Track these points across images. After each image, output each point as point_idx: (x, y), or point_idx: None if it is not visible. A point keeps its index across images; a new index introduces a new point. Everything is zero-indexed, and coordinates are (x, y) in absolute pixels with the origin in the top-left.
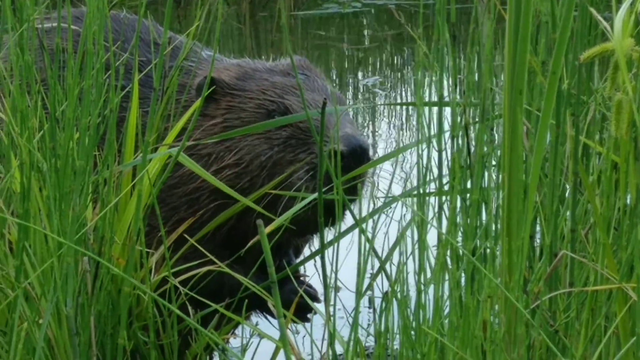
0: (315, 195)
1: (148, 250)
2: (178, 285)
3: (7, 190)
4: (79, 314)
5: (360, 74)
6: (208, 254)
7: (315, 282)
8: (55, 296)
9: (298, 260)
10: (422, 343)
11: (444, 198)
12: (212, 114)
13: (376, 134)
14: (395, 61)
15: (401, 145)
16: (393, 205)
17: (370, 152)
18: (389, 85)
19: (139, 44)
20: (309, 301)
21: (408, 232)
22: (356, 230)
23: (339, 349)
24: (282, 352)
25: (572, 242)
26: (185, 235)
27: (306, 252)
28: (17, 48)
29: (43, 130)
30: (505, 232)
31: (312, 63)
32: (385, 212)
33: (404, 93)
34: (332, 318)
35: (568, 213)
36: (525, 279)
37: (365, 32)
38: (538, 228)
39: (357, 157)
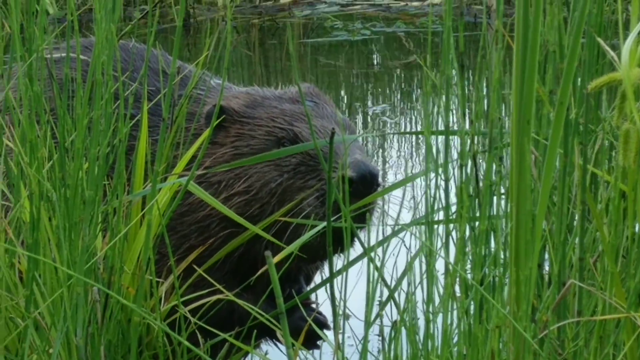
0: (324, 223)
1: (158, 279)
2: (187, 314)
3: (16, 220)
4: (89, 344)
5: (369, 102)
6: (216, 284)
7: (326, 310)
8: (65, 326)
9: (308, 288)
10: None
11: (451, 227)
12: (221, 141)
13: (386, 161)
14: (405, 88)
15: (410, 173)
16: (402, 233)
17: (380, 178)
18: (398, 112)
19: (148, 73)
20: (318, 330)
21: (416, 261)
22: (365, 259)
23: None
24: None
25: (580, 271)
26: (194, 266)
27: (317, 278)
28: (26, 78)
29: (52, 160)
30: (514, 261)
31: (322, 90)
32: (398, 238)
33: (413, 120)
34: (340, 346)
35: (576, 241)
36: (534, 307)
37: (375, 60)
38: (546, 256)
39: (366, 183)
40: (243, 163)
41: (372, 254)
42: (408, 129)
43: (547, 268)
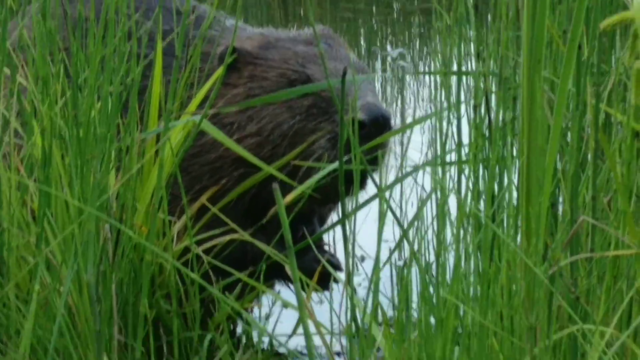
0: (336, 164)
1: (170, 218)
2: (201, 253)
3: (29, 158)
4: (100, 282)
5: (388, 46)
6: (230, 222)
7: (340, 253)
8: (76, 263)
9: (319, 231)
10: (442, 309)
11: (464, 166)
12: (234, 83)
13: (405, 104)
14: (424, 33)
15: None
16: (417, 174)
17: (392, 121)
18: (416, 56)
19: (162, 13)
20: (331, 269)
21: (429, 202)
22: (378, 200)
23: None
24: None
25: (593, 210)
26: (207, 204)
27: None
28: (40, 16)
29: (65, 98)
30: (525, 198)
31: (340, 35)
32: (412, 178)
33: (432, 64)
34: (352, 286)
35: (589, 181)
36: (547, 246)
37: (394, 5)
38: (560, 199)
39: (378, 126)
40: (255, 103)
41: (386, 195)
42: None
43: (560, 208)
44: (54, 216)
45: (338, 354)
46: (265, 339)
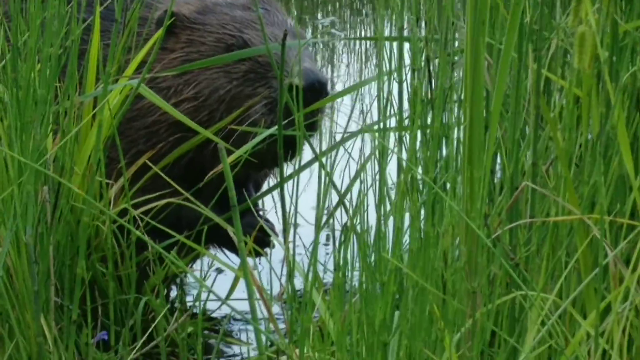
0: (275, 129)
1: (108, 181)
2: (137, 216)
3: None
4: (38, 244)
5: (319, 15)
6: (172, 182)
7: (273, 219)
8: (15, 224)
9: (259, 193)
10: (382, 273)
11: (404, 132)
12: (171, 47)
13: (335, 73)
14: (354, 2)
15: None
16: (352, 142)
17: (329, 87)
18: (348, 26)
19: None
20: (270, 231)
21: (368, 167)
22: (315, 167)
23: (298, 285)
24: (240, 284)
25: (533, 177)
26: (150, 164)
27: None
28: None
29: (5, 60)
30: (467, 161)
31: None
32: (344, 147)
33: (362, 33)
34: (291, 250)
35: (529, 148)
36: (486, 213)
37: None
38: (499, 165)
39: (315, 91)
40: (192, 67)
41: (323, 160)
42: (357, 43)
43: (498, 175)
44: None
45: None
46: (198, 303)
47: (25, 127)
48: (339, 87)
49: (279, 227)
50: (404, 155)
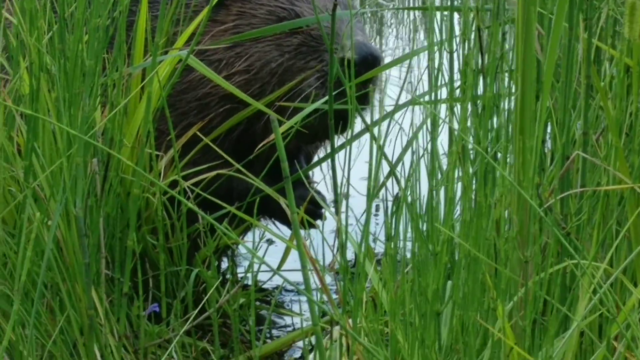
0: (325, 100)
1: (157, 153)
2: (187, 188)
3: (15, 92)
4: (87, 216)
5: None
6: (222, 153)
7: (324, 190)
8: (64, 197)
9: (311, 164)
10: (435, 243)
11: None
12: (222, 19)
13: (384, 44)
14: None
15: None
16: (402, 113)
17: (382, 61)
18: None
19: None
20: (321, 202)
21: (419, 136)
22: (366, 138)
23: (350, 255)
24: (291, 255)
25: (583, 146)
26: (201, 136)
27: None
28: None
29: (52, 32)
30: (519, 131)
31: None
32: (395, 119)
33: (412, 3)
34: (342, 221)
35: (580, 118)
36: (538, 182)
37: None
38: (549, 134)
39: (368, 65)
40: (243, 37)
41: (374, 131)
42: (406, 13)
43: (549, 145)
44: (42, 150)
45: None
46: (250, 275)
47: (73, 99)
48: (387, 59)
49: (330, 198)
50: (455, 125)
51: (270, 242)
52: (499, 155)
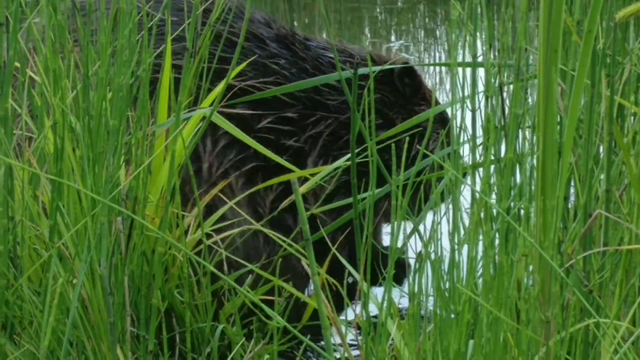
0: (348, 157)
1: (183, 213)
2: (217, 246)
3: (39, 152)
4: (112, 274)
5: (392, 37)
6: (244, 214)
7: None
8: (89, 256)
9: (332, 224)
10: (457, 302)
11: (477, 158)
12: None
13: None
14: (429, 25)
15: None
16: (426, 169)
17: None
18: (421, 48)
19: (171, 4)
20: (343, 261)
21: (441, 192)
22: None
23: (373, 309)
24: (314, 311)
25: (606, 203)
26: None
27: None
28: (50, 8)
29: (76, 90)
30: (540, 191)
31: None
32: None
33: (436, 56)
34: (367, 279)
35: (603, 174)
36: (559, 239)
37: None
38: (572, 190)
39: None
40: (266, 94)
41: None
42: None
43: (572, 202)
44: (66, 208)
45: (351, 346)
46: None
47: (97, 158)
48: None
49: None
50: (478, 183)
51: (301, 298)
52: (522, 211)
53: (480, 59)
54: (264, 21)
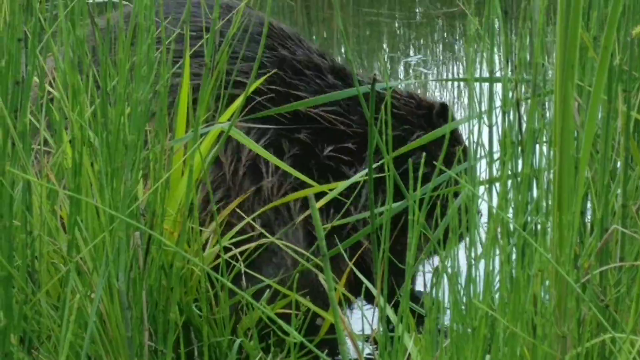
0: (366, 172)
1: (200, 228)
2: (234, 260)
3: (58, 167)
4: (130, 289)
5: (411, 51)
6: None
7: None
8: (107, 271)
9: (349, 239)
10: (473, 317)
11: (494, 173)
12: None
13: None
14: (447, 39)
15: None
16: (442, 185)
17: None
18: (440, 62)
19: (190, 19)
20: (360, 275)
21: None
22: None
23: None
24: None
25: (622, 218)
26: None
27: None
28: (69, 23)
29: (94, 106)
30: (557, 206)
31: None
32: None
33: (454, 70)
34: (384, 293)
35: (619, 189)
36: (576, 254)
37: (417, 9)
38: (589, 205)
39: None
40: (286, 109)
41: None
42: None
43: (589, 216)
44: (84, 223)
45: None
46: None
47: (115, 173)
48: None
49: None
50: (494, 198)
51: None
52: (539, 226)
53: (498, 74)
54: (318, 52)
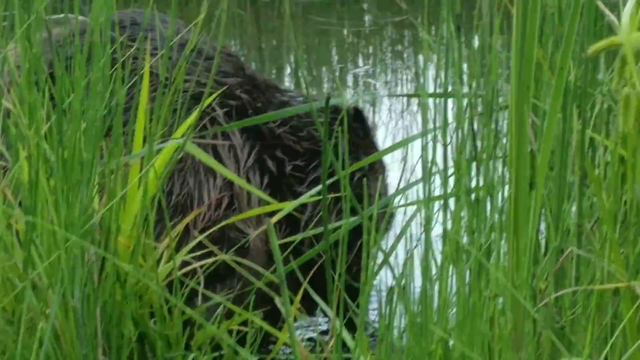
0: (319, 189)
1: (156, 244)
2: (183, 279)
3: (14, 181)
4: (85, 304)
5: (360, 61)
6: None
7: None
8: (63, 287)
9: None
10: (429, 341)
11: (448, 191)
12: None
13: (377, 121)
14: (396, 48)
15: (403, 135)
16: (397, 199)
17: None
18: (389, 72)
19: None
20: (315, 296)
21: (413, 226)
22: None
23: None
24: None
25: (578, 237)
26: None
27: None
28: (25, 40)
29: (50, 122)
30: (513, 229)
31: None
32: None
33: (404, 78)
34: (340, 314)
35: (574, 208)
36: (533, 274)
37: (366, 18)
38: (543, 224)
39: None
40: (245, 124)
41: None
42: (399, 90)
43: (543, 232)
44: (40, 239)
45: None
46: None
47: (71, 189)
48: (380, 138)
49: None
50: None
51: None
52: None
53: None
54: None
